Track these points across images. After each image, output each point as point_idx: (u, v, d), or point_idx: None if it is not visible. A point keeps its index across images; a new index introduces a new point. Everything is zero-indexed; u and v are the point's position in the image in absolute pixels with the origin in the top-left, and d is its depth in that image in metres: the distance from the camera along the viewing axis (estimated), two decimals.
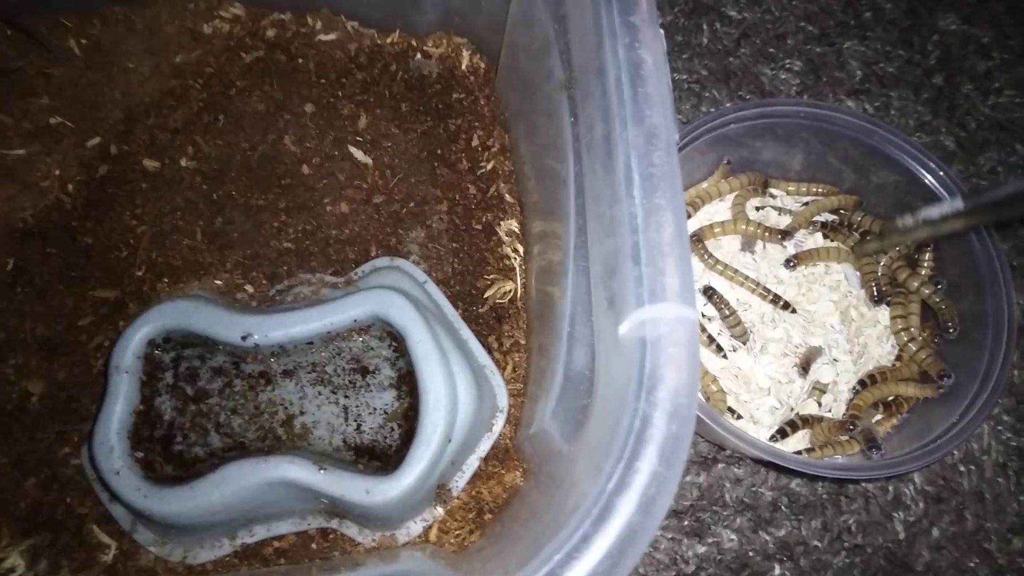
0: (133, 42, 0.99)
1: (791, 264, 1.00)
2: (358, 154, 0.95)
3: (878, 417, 0.96)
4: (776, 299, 0.97)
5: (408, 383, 0.82)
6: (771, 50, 1.19)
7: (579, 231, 0.68)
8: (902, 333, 0.97)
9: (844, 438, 0.91)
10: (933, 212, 0.92)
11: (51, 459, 0.82)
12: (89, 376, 0.85)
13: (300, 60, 1.00)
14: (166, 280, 0.88)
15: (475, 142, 0.98)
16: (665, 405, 0.49)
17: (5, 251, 0.89)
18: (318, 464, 0.75)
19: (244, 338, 0.80)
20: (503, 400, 0.86)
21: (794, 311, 0.97)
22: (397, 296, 0.81)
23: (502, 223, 0.94)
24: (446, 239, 0.93)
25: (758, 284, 0.97)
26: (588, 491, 0.49)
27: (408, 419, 0.80)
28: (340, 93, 0.98)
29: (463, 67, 1.02)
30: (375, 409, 0.82)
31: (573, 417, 0.66)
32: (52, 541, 0.80)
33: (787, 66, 1.18)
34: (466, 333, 0.88)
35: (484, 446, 0.84)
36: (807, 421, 0.93)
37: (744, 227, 1.00)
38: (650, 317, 0.52)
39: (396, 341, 0.83)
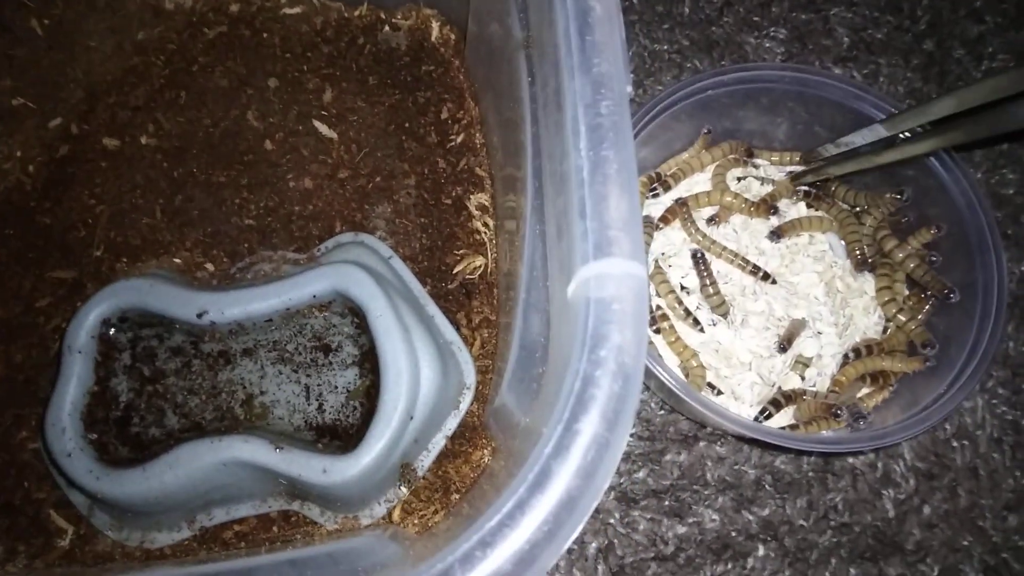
0: (95, 20, 0.97)
1: (775, 236, 0.97)
2: (323, 128, 0.93)
3: (866, 391, 0.92)
4: (755, 270, 0.94)
5: (371, 360, 0.79)
6: (755, 18, 1.16)
7: (536, 194, 0.65)
8: (889, 304, 0.93)
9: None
10: (855, 139, 0.89)
11: (8, 443, 0.80)
12: (47, 358, 0.83)
13: (265, 35, 0.97)
14: (125, 259, 0.86)
15: (445, 115, 0.96)
16: (608, 364, 0.46)
17: None
18: (274, 443, 0.73)
19: (200, 316, 0.77)
20: (470, 377, 0.83)
21: (774, 282, 0.94)
22: (357, 270, 0.78)
23: (472, 197, 0.91)
24: (414, 214, 0.91)
25: (736, 255, 0.94)
26: (526, 457, 0.46)
27: (370, 397, 0.78)
28: (305, 67, 0.96)
29: (433, 39, 1.00)
30: (337, 387, 0.80)
31: (528, 387, 0.63)
32: (9, 527, 0.78)
33: (772, 34, 1.15)
34: (432, 309, 0.85)
35: (450, 424, 0.81)
36: (790, 398, 0.89)
37: (731, 200, 0.97)
38: (596, 274, 0.49)
39: (358, 317, 0.80)
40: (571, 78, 0.53)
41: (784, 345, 0.91)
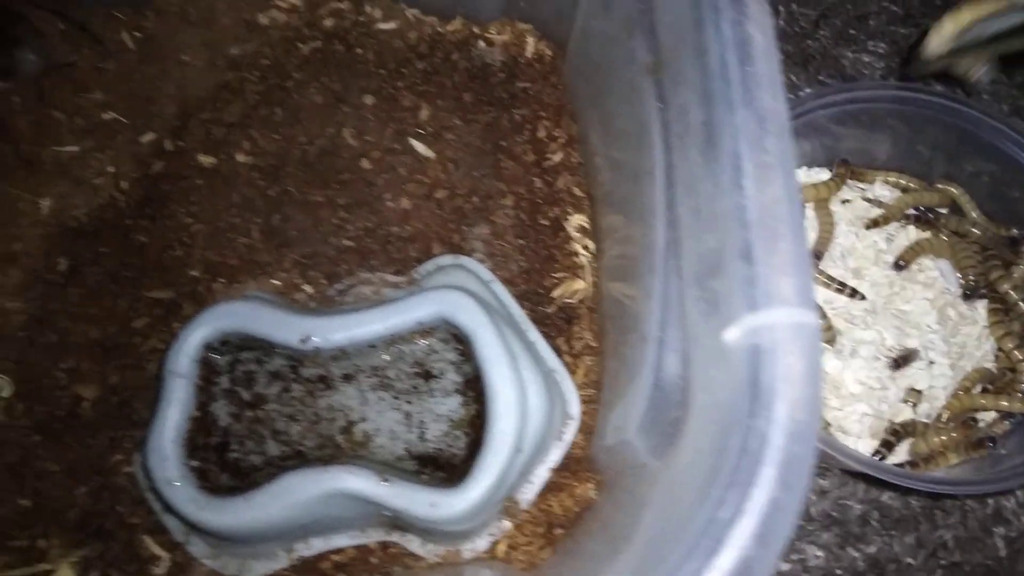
0: (188, 34, 0.95)
1: (899, 267, 0.92)
2: (420, 147, 0.91)
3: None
4: (842, 287, 0.90)
5: (475, 388, 0.77)
6: (852, 32, 1.12)
7: (669, 226, 0.62)
8: (1004, 337, 0.89)
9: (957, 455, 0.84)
10: None
11: (103, 467, 0.79)
12: (143, 380, 0.81)
13: (359, 50, 0.95)
14: (222, 280, 0.84)
15: (541, 133, 0.93)
16: (784, 422, 0.44)
17: (58, 251, 0.86)
18: (380, 475, 0.71)
19: (303, 341, 0.75)
20: (575, 407, 0.81)
21: (863, 298, 0.90)
22: (463, 296, 0.76)
23: (570, 218, 0.89)
24: (512, 235, 0.88)
25: (822, 273, 0.91)
26: (693, 518, 0.44)
27: (475, 427, 0.76)
28: (400, 84, 0.94)
29: (528, 54, 0.97)
30: (439, 416, 0.78)
31: (662, 430, 0.61)
32: (103, 552, 0.77)
33: (870, 49, 1.11)
34: (534, 335, 0.83)
35: (554, 456, 0.79)
36: (902, 433, 0.86)
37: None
38: (764, 323, 0.46)
39: (462, 344, 0.78)
40: (730, 111, 0.50)
41: (899, 362, 0.88)
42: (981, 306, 0.93)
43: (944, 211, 0.97)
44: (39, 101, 0.93)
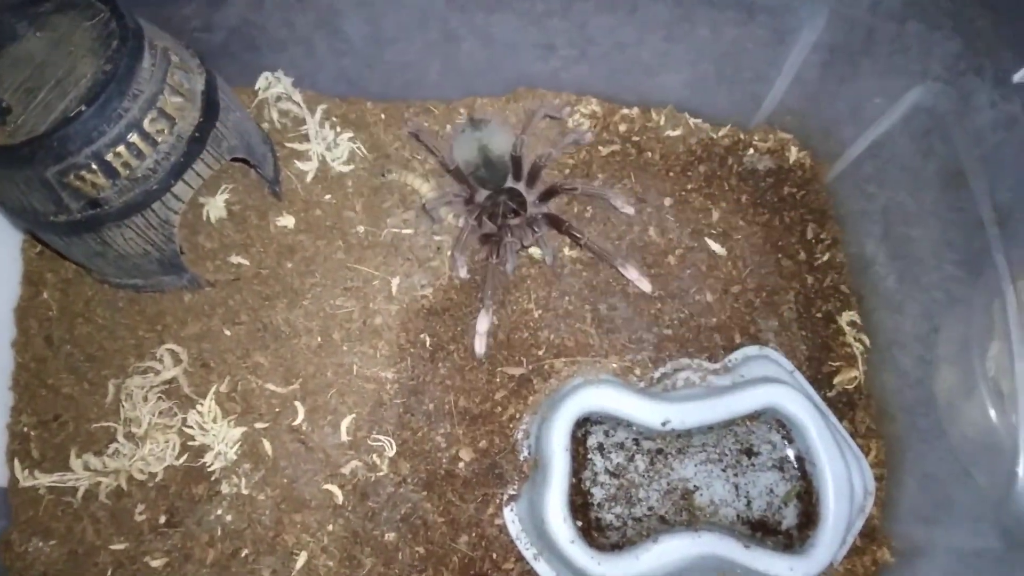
0: None
1: None
2: (714, 246, 1.05)
3: None
4: None
5: (793, 467, 0.92)
6: None
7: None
8: None
9: None
10: None
11: (479, 519, 0.93)
12: (507, 444, 0.95)
13: (648, 153, 1.10)
14: (563, 359, 0.99)
15: (809, 234, 1.08)
16: None
17: (418, 328, 1.00)
18: (742, 542, 0.86)
19: (664, 424, 0.90)
20: (871, 483, 0.96)
21: None
22: (791, 390, 0.91)
23: (842, 313, 1.04)
24: (796, 327, 1.03)
25: None
26: None
27: (802, 500, 0.91)
28: (689, 186, 1.08)
29: (790, 162, 1.12)
30: (761, 488, 0.93)
31: None
32: None
33: None
34: (833, 419, 0.98)
35: (858, 524, 0.94)
36: None
37: None
38: None
39: (784, 428, 0.93)
40: None
41: None
42: None
43: None
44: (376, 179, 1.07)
